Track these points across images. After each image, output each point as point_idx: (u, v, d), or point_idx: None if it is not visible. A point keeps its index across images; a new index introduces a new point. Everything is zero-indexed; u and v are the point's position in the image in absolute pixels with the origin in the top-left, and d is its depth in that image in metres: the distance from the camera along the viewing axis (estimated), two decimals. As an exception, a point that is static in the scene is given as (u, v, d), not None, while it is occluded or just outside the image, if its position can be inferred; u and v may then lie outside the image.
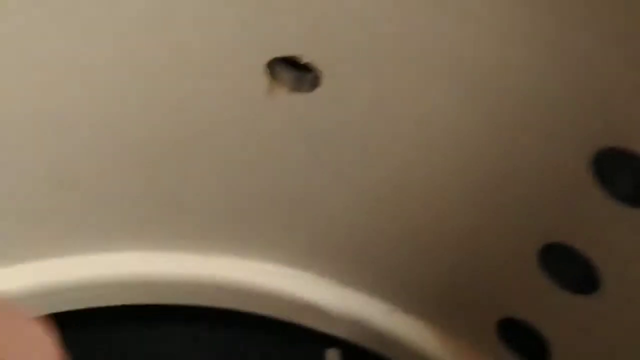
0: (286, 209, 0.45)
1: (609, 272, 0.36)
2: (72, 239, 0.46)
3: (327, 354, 0.52)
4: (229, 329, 0.52)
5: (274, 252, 0.48)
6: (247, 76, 0.37)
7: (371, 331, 0.48)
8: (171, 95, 0.38)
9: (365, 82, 0.36)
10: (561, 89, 0.32)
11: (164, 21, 0.35)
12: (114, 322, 0.51)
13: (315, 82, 0.36)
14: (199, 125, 0.40)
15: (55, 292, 0.46)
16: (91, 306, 0.48)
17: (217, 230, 0.47)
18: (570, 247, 0.37)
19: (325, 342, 0.51)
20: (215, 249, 0.48)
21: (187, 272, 0.48)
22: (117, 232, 0.46)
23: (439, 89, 0.35)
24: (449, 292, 0.44)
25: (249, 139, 0.40)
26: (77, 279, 0.47)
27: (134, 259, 0.48)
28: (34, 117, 0.39)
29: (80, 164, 0.42)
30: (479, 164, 0.37)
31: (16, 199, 0.42)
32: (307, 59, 0.35)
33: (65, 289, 0.47)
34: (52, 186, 0.43)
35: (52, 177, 0.42)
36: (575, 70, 0.31)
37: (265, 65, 0.36)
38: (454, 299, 0.44)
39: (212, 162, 0.42)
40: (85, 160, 0.42)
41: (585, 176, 0.34)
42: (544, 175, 0.35)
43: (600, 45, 0.30)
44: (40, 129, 0.39)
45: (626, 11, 0.28)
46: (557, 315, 0.40)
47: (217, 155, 0.41)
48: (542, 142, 0.34)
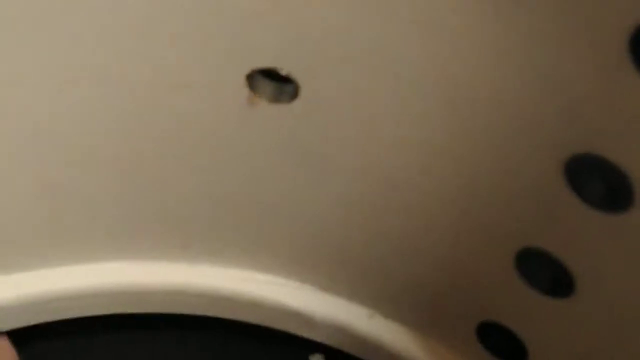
0: (268, 218, 0.45)
1: (583, 276, 0.37)
2: (56, 249, 0.46)
3: (310, 359, 0.52)
4: (213, 336, 0.53)
5: (256, 260, 0.49)
6: (227, 88, 0.37)
7: (352, 336, 0.48)
8: (153, 107, 0.39)
9: (344, 93, 0.36)
10: (533, 97, 0.33)
11: (143, 34, 0.35)
12: (98, 332, 0.51)
13: (294, 93, 0.37)
14: (181, 136, 0.40)
15: (39, 303, 0.47)
16: (76, 316, 0.49)
17: (200, 239, 0.48)
18: (545, 252, 0.38)
19: (308, 347, 0.52)
20: (198, 258, 0.49)
21: (170, 280, 0.49)
22: (100, 242, 0.47)
23: (416, 99, 0.35)
24: (428, 296, 0.45)
25: (229, 149, 0.41)
26: (61, 290, 0.47)
27: (118, 269, 0.48)
28: (18, 127, 0.39)
29: (63, 175, 0.42)
30: (455, 170, 0.38)
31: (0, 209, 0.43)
32: (286, 70, 0.36)
33: (49, 299, 0.47)
34: (35, 197, 0.43)
35: (36, 187, 0.42)
36: (546, 79, 0.32)
37: (245, 76, 0.37)
38: (433, 303, 0.45)
39: (194, 173, 0.43)
40: (68, 171, 0.42)
41: (558, 182, 0.34)
42: (518, 180, 0.36)
43: (570, 54, 0.30)
44: (23, 140, 0.40)
45: (593, 24, 0.29)
46: (534, 318, 0.41)
47: (198, 165, 0.42)
48: (516, 149, 0.35)
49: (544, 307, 0.40)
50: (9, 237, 0.45)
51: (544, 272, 0.39)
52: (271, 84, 0.37)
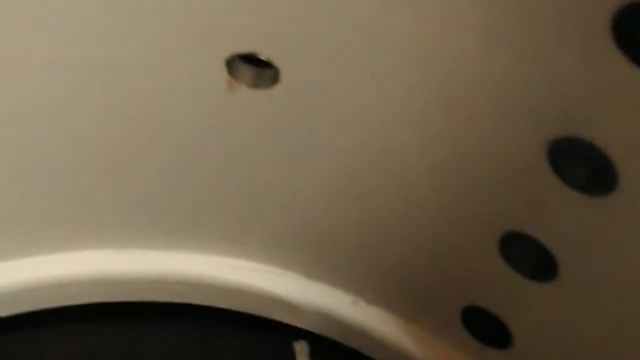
0: (249, 204, 0.45)
1: (566, 259, 0.37)
2: (36, 238, 0.46)
3: (294, 346, 0.52)
4: (197, 323, 0.52)
5: (239, 247, 0.48)
6: (206, 73, 0.37)
7: (336, 323, 0.48)
8: (131, 93, 0.38)
9: (325, 78, 0.36)
10: (516, 80, 0.32)
11: (121, 18, 0.35)
12: (80, 320, 0.51)
13: (275, 78, 0.37)
14: (160, 123, 0.40)
15: (19, 292, 0.46)
16: (57, 305, 0.48)
17: (182, 226, 0.47)
18: (529, 236, 0.38)
19: (292, 334, 0.51)
20: (180, 246, 0.48)
21: (153, 269, 0.49)
22: (81, 231, 0.46)
23: (398, 82, 0.35)
24: (412, 282, 0.45)
25: (209, 135, 0.40)
26: (41, 278, 0.47)
27: (100, 257, 0.48)
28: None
29: (42, 163, 0.42)
30: (438, 154, 0.37)
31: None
32: (266, 55, 0.36)
33: (29, 288, 0.46)
34: (15, 186, 0.42)
35: (16, 176, 0.42)
36: (529, 62, 0.31)
37: (224, 61, 0.36)
38: (417, 289, 0.45)
39: (174, 159, 0.42)
40: (48, 159, 0.42)
41: (541, 165, 0.34)
42: (502, 164, 0.36)
43: (553, 36, 0.30)
44: (3, 126, 0.39)
45: (576, 5, 0.29)
46: (518, 302, 0.41)
47: (178, 152, 0.42)
48: (500, 132, 0.35)
49: (527, 291, 0.40)
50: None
51: (527, 256, 0.39)
52: (251, 68, 0.37)
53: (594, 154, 0.32)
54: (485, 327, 0.44)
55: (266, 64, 0.36)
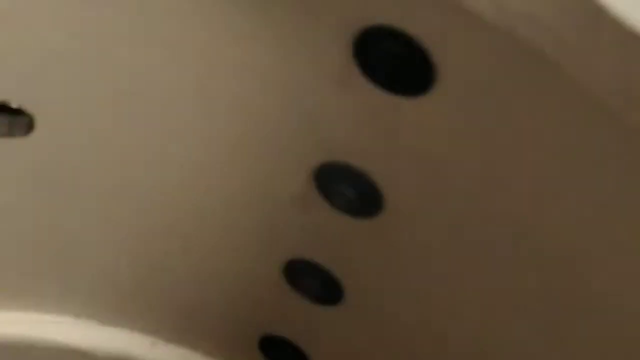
0: (30, 256, 0.43)
1: (350, 282, 0.37)
2: None
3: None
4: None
5: (25, 300, 0.46)
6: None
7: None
8: None
9: (81, 122, 0.35)
10: (275, 107, 0.32)
11: None
12: None
13: (30, 125, 0.35)
14: None
15: None
16: None
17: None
18: (311, 262, 0.38)
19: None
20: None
21: None
22: None
23: (154, 121, 0.34)
24: (206, 317, 0.44)
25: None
26: None
27: None
28: None
29: None
30: (211, 185, 0.37)
31: None
32: (17, 103, 0.34)
33: None
34: None
35: None
36: (283, 88, 0.31)
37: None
38: (212, 324, 0.44)
39: None
40: None
41: (310, 191, 0.34)
42: (273, 191, 0.36)
43: (300, 62, 0.30)
44: None
45: (318, 30, 0.29)
46: (310, 327, 0.41)
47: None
48: (267, 160, 0.34)
49: (317, 315, 0.40)
50: None
51: (312, 282, 0.39)
52: (4, 117, 0.35)
53: (358, 178, 0.33)
54: (283, 354, 0.44)
55: (19, 112, 0.34)
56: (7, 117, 0.35)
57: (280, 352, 0.44)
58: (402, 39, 0.27)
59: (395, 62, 0.28)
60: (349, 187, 0.33)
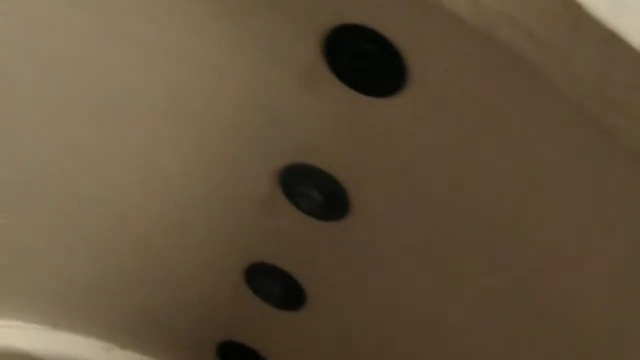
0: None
1: (312, 286, 0.37)
2: None
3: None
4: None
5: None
6: None
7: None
8: None
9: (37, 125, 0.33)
10: (243, 108, 0.31)
11: None
12: None
13: None
14: None
15: None
16: None
17: None
18: (273, 266, 0.37)
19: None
20: None
21: None
22: None
23: (120, 119, 0.33)
24: (163, 322, 0.43)
25: None
26: None
27: None
28: None
29: None
30: (175, 189, 0.36)
31: None
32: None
33: None
34: None
35: None
36: (253, 90, 0.30)
37: None
38: (169, 329, 0.43)
39: None
40: None
41: (274, 194, 0.34)
42: (237, 194, 0.35)
43: (269, 63, 0.29)
44: None
45: (288, 31, 0.28)
46: (271, 333, 0.40)
47: None
48: (232, 162, 0.34)
49: (279, 320, 0.39)
50: None
51: (274, 286, 0.38)
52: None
53: (325, 180, 0.32)
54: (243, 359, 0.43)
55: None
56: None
57: (239, 358, 0.43)
58: (374, 39, 0.26)
59: (366, 61, 0.27)
60: (315, 190, 0.33)
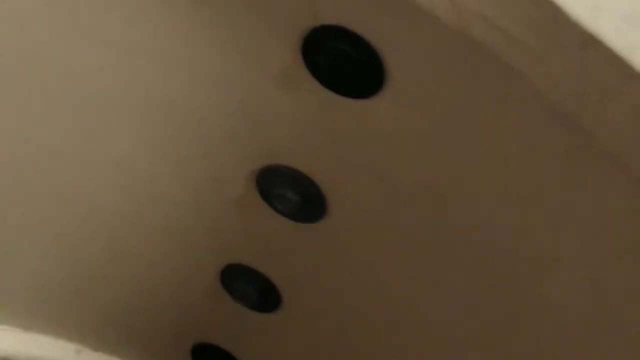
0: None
1: (288, 288, 0.37)
2: None
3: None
4: None
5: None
6: None
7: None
8: None
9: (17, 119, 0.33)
10: (222, 109, 0.31)
11: None
12: None
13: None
14: None
15: None
16: None
17: None
18: (249, 267, 0.37)
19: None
20: None
21: None
22: None
23: (95, 119, 0.33)
24: (137, 324, 0.43)
25: None
26: None
27: None
28: None
29: None
30: (152, 190, 0.35)
31: None
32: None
33: None
34: None
35: None
36: (231, 92, 0.30)
37: None
38: (142, 331, 0.43)
39: None
40: None
41: (251, 195, 0.33)
42: (214, 195, 0.35)
43: (248, 66, 0.29)
44: None
45: (266, 32, 0.28)
46: (246, 335, 0.40)
47: None
48: (210, 163, 0.33)
49: (254, 322, 0.39)
50: None
51: (250, 288, 0.38)
52: None
53: (302, 182, 0.32)
54: (217, 363, 0.43)
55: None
56: None
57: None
58: (352, 40, 0.26)
59: (344, 63, 0.27)
60: (292, 191, 0.32)
